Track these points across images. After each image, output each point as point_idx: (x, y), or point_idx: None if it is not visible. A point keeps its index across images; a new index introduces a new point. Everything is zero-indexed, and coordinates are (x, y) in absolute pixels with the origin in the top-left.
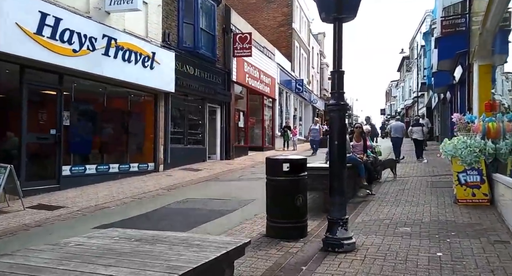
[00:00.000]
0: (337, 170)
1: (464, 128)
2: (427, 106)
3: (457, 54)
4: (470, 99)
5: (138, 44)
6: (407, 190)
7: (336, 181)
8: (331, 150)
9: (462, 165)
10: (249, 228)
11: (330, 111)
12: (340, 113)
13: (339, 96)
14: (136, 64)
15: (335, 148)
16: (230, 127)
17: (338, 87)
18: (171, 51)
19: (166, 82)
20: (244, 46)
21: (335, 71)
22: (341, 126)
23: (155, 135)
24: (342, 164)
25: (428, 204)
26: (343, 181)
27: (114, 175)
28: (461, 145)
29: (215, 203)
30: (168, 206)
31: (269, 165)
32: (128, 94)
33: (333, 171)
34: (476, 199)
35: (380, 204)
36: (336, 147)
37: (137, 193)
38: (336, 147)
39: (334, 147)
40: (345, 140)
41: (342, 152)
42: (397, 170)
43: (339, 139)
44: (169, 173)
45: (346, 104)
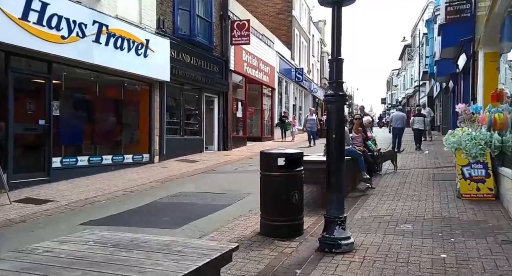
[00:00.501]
0: (335, 166)
1: (469, 119)
2: (428, 95)
3: (462, 41)
4: (474, 88)
5: (131, 31)
6: (408, 183)
7: (334, 177)
8: (328, 144)
9: (467, 158)
10: (242, 225)
11: (328, 102)
12: (338, 104)
13: (338, 86)
14: (129, 52)
15: (333, 142)
16: (228, 117)
17: (336, 76)
18: (166, 39)
19: (160, 70)
20: (242, 34)
21: (334, 59)
22: (339, 119)
23: (150, 125)
24: (340, 159)
25: (430, 198)
26: (341, 177)
27: (107, 167)
28: (465, 137)
29: (209, 197)
30: (160, 200)
31: (263, 159)
32: (121, 83)
33: (330, 167)
34: (480, 194)
35: (381, 199)
36: (334, 141)
37: (130, 186)
38: (334, 141)
39: (331, 141)
40: (344, 133)
41: (340, 146)
42: (398, 160)
43: (337, 132)
44: (164, 164)
45: (345, 95)
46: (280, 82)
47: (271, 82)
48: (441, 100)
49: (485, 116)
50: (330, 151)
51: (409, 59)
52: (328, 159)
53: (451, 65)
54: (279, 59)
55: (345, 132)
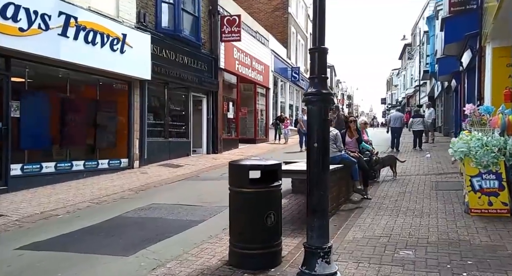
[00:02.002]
0: (317, 183)
1: (478, 122)
2: (429, 95)
3: (466, 36)
4: (481, 87)
5: (105, 24)
6: (409, 193)
7: (316, 198)
8: (309, 155)
9: (477, 168)
10: (210, 251)
11: (308, 102)
12: (321, 105)
13: (321, 82)
14: (102, 47)
15: (315, 153)
16: (218, 118)
17: (319, 70)
18: (147, 34)
19: (140, 68)
20: (233, 30)
21: (316, 48)
22: (323, 123)
23: (129, 127)
24: (323, 175)
25: (434, 214)
26: (325, 198)
27: (79, 173)
28: (475, 143)
29: (182, 210)
30: (125, 214)
31: (232, 172)
32: (96, 82)
33: (311, 184)
34: (493, 209)
35: (377, 213)
36: (316, 152)
37: (98, 195)
38: (316, 152)
39: (313, 152)
40: (328, 142)
41: (324, 158)
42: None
43: (320, 140)
44: (144, 170)
45: (330, 93)
46: (275, 81)
47: (266, 82)
48: (442, 100)
49: (498, 118)
50: (311, 164)
51: (409, 59)
52: (308, 175)
53: (454, 62)
54: (274, 58)
55: (336, 137)
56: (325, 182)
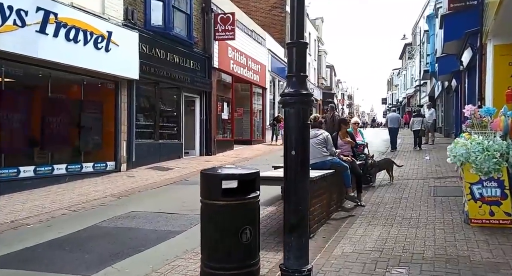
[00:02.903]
0: (295, 197)
1: (479, 125)
2: (429, 95)
3: (467, 33)
4: (482, 86)
5: (88, 21)
6: (405, 200)
7: (294, 214)
8: (286, 165)
9: (477, 174)
10: (181, 269)
11: (285, 105)
12: (300, 107)
13: (299, 81)
14: (85, 45)
15: (293, 162)
16: (212, 119)
17: (297, 68)
18: (134, 31)
19: (127, 67)
20: (227, 28)
21: (294, 43)
22: (302, 128)
23: (116, 129)
24: (303, 189)
25: (432, 223)
26: (304, 215)
27: (61, 177)
28: (475, 147)
29: (162, 219)
30: (101, 223)
31: (203, 182)
32: (80, 81)
33: (289, 199)
34: (495, 220)
35: (370, 222)
36: (294, 161)
37: (77, 202)
38: (294, 161)
39: (290, 161)
40: (308, 149)
41: (303, 170)
42: (396, 169)
43: (298, 147)
44: (131, 173)
45: (310, 94)
46: (272, 81)
47: (262, 82)
48: (442, 100)
49: (500, 120)
50: (288, 175)
51: (409, 58)
52: (285, 187)
53: (454, 61)
54: (271, 57)
55: (327, 140)
56: (304, 196)
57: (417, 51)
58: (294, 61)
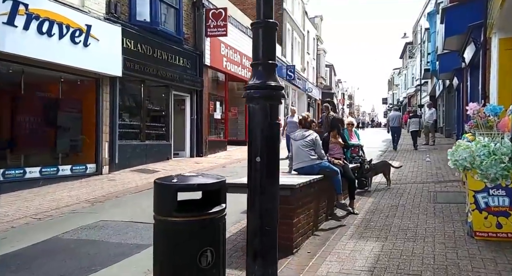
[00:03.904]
0: (260, 217)
1: (484, 125)
2: (430, 94)
3: (470, 27)
4: (485, 84)
5: (63, 14)
6: (402, 207)
7: (258, 237)
8: (249, 175)
9: (482, 181)
10: None
11: (249, 99)
12: (266, 103)
13: (267, 70)
14: (61, 39)
15: (258, 172)
16: (203, 119)
17: (264, 54)
18: (117, 26)
19: (109, 63)
20: (219, 24)
21: (260, 23)
22: (269, 128)
23: (97, 129)
24: (271, 204)
25: (431, 236)
26: (272, 238)
27: (33, 181)
28: (480, 150)
29: (132, 230)
30: (63, 235)
31: (156, 194)
32: (57, 78)
33: (253, 218)
34: (503, 233)
35: (362, 234)
36: (260, 170)
37: (46, 209)
38: (260, 170)
39: (255, 170)
40: (277, 155)
41: (270, 181)
42: (394, 172)
43: (264, 153)
44: (113, 176)
45: (279, 87)
46: None
47: None
48: (444, 100)
49: (508, 120)
50: (250, 188)
51: (410, 57)
52: (248, 203)
53: (456, 59)
54: None
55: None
56: (272, 215)
57: (418, 50)
58: (260, 45)
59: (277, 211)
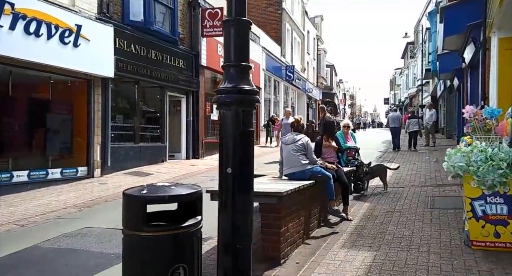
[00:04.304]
0: (232, 236)
1: (481, 128)
2: (432, 95)
3: (469, 26)
4: (485, 85)
5: (52, 13)
6: (398, 213)
7: (230, 256)
8: (220, 188)
9: (479, 188)
10: None
11: (220, 104)
12: (239, 109)
13: (239, 73)
14: (49, 40)
15: (230, 185)
16: (199, 120)
17: (237, 55)
18: (109, 26)
19: (100, 64)
20: (215, 24)
21: (231, 21)
22: (242, 137)
23: (88, 131)
24: (244, 222)
25: (426, 245)
26: (245, 256)
27: (21, 186)
28: (477, 155)
29: (116, 238)
30: (43, 243)
31: (124, 206)
32: (47, 80)
33: (224, 235)
34: (501, 243)
35: (354, 243)
36: (232, 183)
37: (31, 215)
38: (232, 183)
39: (226, 183)
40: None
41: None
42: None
43: (237, 163)
44: (105, 180)
45: (253, 91)
46: (268, 80)
47: (256, 81)
48: (445, 100)
49: (507, 123)
50: (223, 203)
51: (411, 57)
52: (219, 219)
53: (456, 59)
54: (265, 55)
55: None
56: (245, 232)
57: (419, 50)
58: (232, 46)
59: (251, 228)
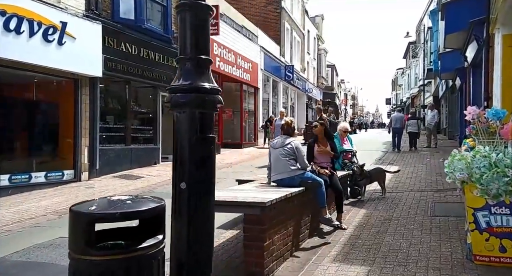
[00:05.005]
0: (186, 263)
1: (485, 131)
2: (434, 95)
3: (471, 23)
4: (488, 84)
5: (34, 10)
6: (396, 221)
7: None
8: (173, 204)
9: (482, 197)
10: None
11: (174, 105)
12: (196, 111)
13: (197, 68)
14: (31, 37)
15: (184, 203)
16: None
17: (193, 47)
18: (97, 23)
19: (88, 63)
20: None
21: (186, 4)
22: (199, 145)
23: (75, 132)
24: (201, 247)
25: (425, 259)
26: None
27: (1, 190)
28: (480, 161)
29: None
30: (10, 256)
31: (71, 225)
32: (31, 79)
33: (178, 265)
34: (507, 258)
35: (347, 256)
36: (187, 200)
37: (7, 222)
38: (187, 200)
39: (181, 200)
40: (210, 181)
41: (201, 216)
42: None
43: (193, 176)
44: (92, 183)
45: (214, 90)
46: (266, 80)
47: (254, 81)
48: (447, 101)
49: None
50: (176, 225)
51: (413, 57)
52: (172, 245)
53: (458, 57)
54: (263, 55)
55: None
56: (203, 259)
57: (421, 50)
58: (188, 35)
59: (211, 254)
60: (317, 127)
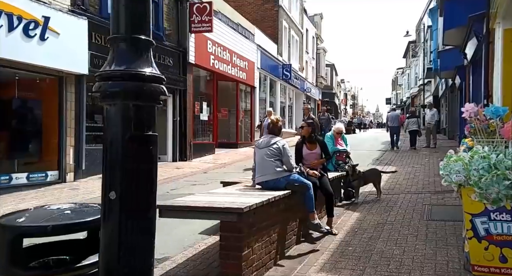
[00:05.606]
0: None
1: (483, 130)
2: (434, 94)
3: (470, 18)
4: (489, 82)
5: (14, 3)
6: (390, 226)
7: None
8: (103, 217)
9: (481, 202)
10: None
11: (103, 96)
12: (130, 103)
13: (133, 51)
14: (10, 32)
15: (115, 216)
16: (187, 121)
17: (128, 24)
18: (82, 18)
19: (72, 60)
20: (203, 19)
21: None
22: (132, 144)
23: (60, 132)
24: (134, 269)
25: (418, 269)
26: None
27: None
28: (478, 163)
29: None
30: None
31: None
32: (12, 76)
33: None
34: (508, 269)
35: (335, 264)
36: (119, 212)
37: None
38: (119, 212)
39: (111, 212)
40: (148, 186)
41: (135, 230)
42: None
43: (124, 183)
44: (77, 184)
45: (155, 78)
46: (263, 79)
47: (250, 80)
48: (447, 100)
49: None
50: (105, 243)
51: (413, 56)
52: (100, 267)
53: (457, 55)
54: (260, 54)
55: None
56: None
57: (421, 49)
58: (122, 10)
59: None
60: (303, 128)
